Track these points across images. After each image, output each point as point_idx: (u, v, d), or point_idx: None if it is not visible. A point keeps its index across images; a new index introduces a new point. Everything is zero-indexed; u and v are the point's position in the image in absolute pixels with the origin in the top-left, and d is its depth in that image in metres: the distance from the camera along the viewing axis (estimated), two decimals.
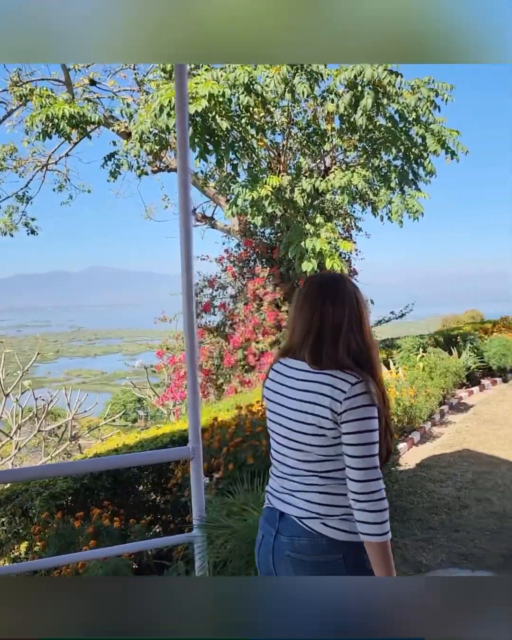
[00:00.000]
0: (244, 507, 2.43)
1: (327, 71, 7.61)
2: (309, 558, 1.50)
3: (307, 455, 1.51)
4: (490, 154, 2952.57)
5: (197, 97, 6.46)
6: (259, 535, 1.67)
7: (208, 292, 9.97)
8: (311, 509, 1.51)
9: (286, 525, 1.55)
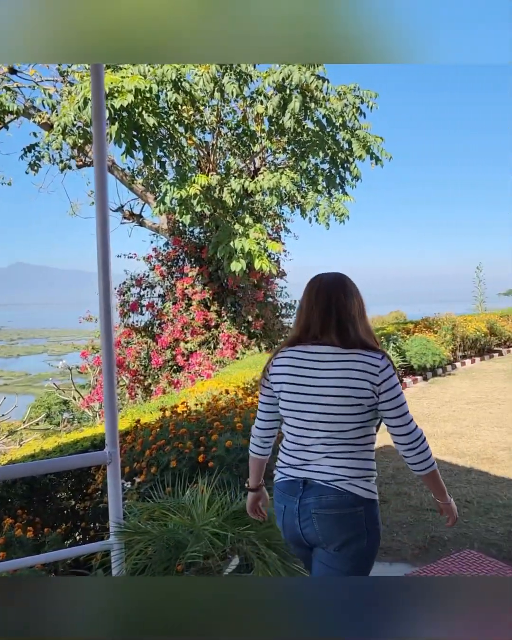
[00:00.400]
0: (165, 512, 2.38)
1: (256, 73, 7.65)
2: (334, 512, 1.74)
3: (342, 426, 1.75)
4: (413, 155, 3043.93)
5: (123, 92, 6.30)
6: (279, 507, 1.87)
7: (135, 291, 9.77)
8: (339, 472, 1.76)
9: (311, 489, 1.78)
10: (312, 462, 1.80)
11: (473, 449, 5.51)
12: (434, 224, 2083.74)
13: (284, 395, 1.86)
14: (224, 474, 3.03)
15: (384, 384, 1.74)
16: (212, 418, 3.58)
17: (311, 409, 1.79)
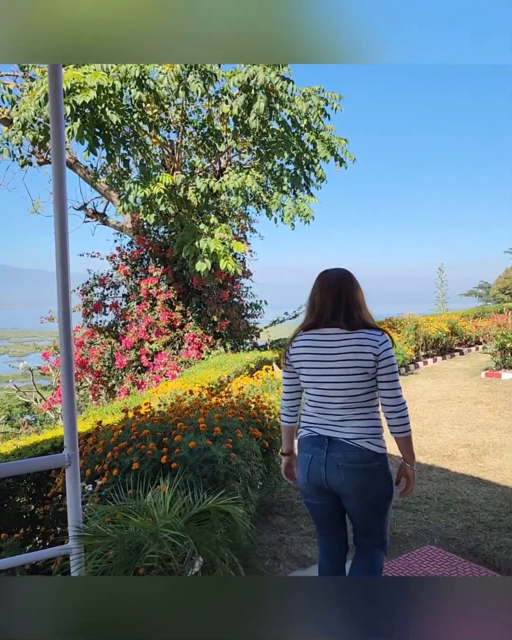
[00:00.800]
0: (126, 515, 2.35)
1: (222, 72, 7.63)
2: (358, 466, 2.16)
3: (355, 391, 2.17)
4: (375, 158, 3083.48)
5: (86, 88, 6.20)
6: (306, 456, 2.28)
7: (99, 291, 9.63)
8: (357, 431, 2.18)
9: (336, 446, 2.20)
10: (334, 424, 2.23)
11: (434, 447, 5.62)
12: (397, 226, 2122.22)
13: (304, 371, 2.28)
14: (187, 475, 3.01)
15: (383, 354, 2.15)
16: (176, 419, 3.55)
17: (329, 379, 2.20)
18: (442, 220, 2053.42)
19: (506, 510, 3.96)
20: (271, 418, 4.27)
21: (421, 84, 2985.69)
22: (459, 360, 12.34)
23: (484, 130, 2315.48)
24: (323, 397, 2.24)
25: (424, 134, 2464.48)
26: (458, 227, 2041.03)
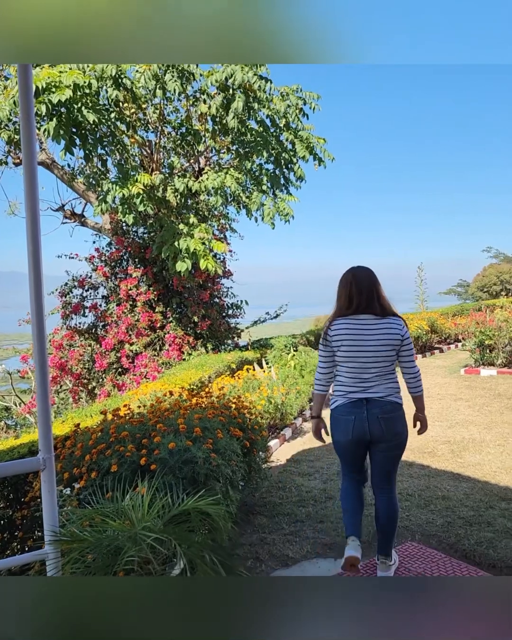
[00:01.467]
0: (104, 519, 2.31)
1: (199, 71, 7.60)
2: (391, 414, 2.87)
3: (385, 362, 2.88)
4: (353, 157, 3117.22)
5: (61, 87, 6.12)
6: (349, 418, 2.90)
7: (78, 293, 9.53)
8: (388, 391, 2.89)
9: (373, 404, 2.87)
10: (370, 388, 2.89)
11: (415, 444, 5.65)
12: (379, 226, 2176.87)
13: (344, 348, 2.90)
14: (166, 477, 2.98)
15: (405, 335, 2.92)
16: (155, 420, 3.52)
17: (366, 355, 2.87)
18: (420, 220, 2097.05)
19: (485, 506, 4.00)
20: (251, 418, 4.26)
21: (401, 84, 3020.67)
22: (439, 358, 12.46)
23: (466, 132, 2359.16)
24: (360, 369, 2.90)
25: (406, 136, 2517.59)
26: (437, 227, 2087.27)
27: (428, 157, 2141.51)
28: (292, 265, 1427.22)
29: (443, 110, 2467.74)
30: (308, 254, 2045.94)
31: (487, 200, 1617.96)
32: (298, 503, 4.27)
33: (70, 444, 3.50)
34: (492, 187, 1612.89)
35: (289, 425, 6.51)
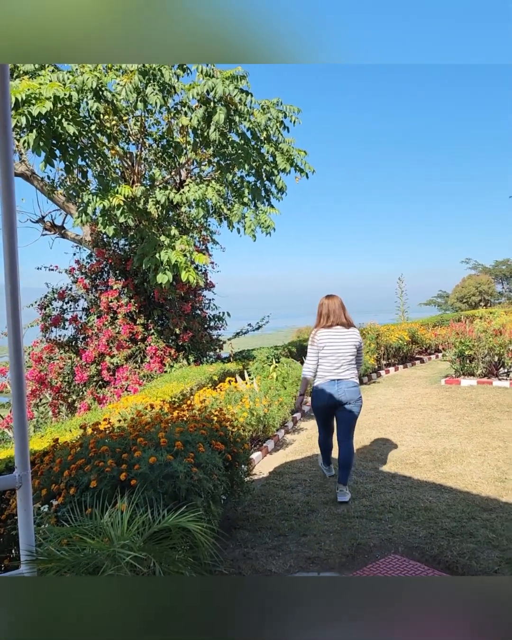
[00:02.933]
0: (82, 537, 2.26)
1: (181, 85, 7.63)
2: (353, 388, 4.57)
3: (350, 358, 4.60)
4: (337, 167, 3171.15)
5: (41, 99, 6.09)
6: (326, 391, 4.56)
7: (58, 305, 9.42)
8: (351, 375, 4.61)
9: (342, 382, 4.56)
10: (341, 373, 4.58)
11: (397, 455, 5.66)
12: (358, 237, 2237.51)
13: (326, 349, 4.60)
14: (147, 492, 2.94)
15: (360, 341, 4.70)
16: (136, 434, 3.47)
17: (339, 352, 4.59)
18: (401, 232, 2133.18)
19: (467, 516, 4.00)
20: (233, 430, 4.22)
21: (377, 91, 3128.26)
22: (420, 368, 12.55)
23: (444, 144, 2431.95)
24: (336, 362, 4.60)
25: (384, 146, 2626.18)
26: (417, 239, 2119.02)
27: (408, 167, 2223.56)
28: (274, 277, 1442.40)
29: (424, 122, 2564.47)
30: (290, 266, 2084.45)
31: (465, 212, 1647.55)
32: (281, 516, 4.24)
33: (49, 459, 3.43)
34: (472, 199, 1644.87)
35: (272, 437, 6.48)
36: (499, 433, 6.28)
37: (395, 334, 12.52)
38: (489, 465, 5.16)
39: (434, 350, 14.59)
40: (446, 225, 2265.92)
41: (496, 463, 5.21)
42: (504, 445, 5.77)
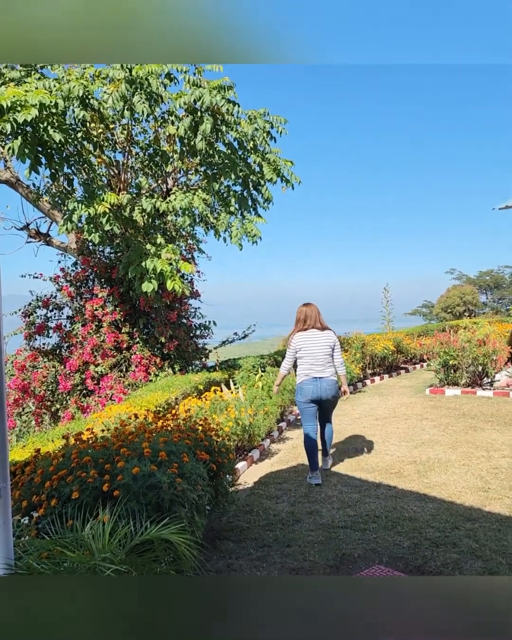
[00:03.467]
0: (63, 550, 2.22)
1: (168, 94, 7.66)
2: (332, 386, 5.33)
3: (327, 357, 5.34)
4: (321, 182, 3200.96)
5: (27, 106, 6.07)
6: (309, 387, 5.29)
7: (42, 313, 9.34)
8: (330, 373, 5.34)
9: (322, 379, 5.29)
10: (321, 371, 5.29)
11: (382, 464, 5.67)
12: (345, 247, 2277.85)
13: (303, 350, 5.32)
14: (130, 503, 2.90)
15: (336, 341, 5.45)
16: (119, 444, 3.44)
17: (316, 353, 5.30)
18: (386, 243, 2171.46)
19: (451, 526, 4.01)
20: (218, 440, 4.20)
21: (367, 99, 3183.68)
22: (405, 378, 12.61)
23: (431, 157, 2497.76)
24: (314, 361, 5.31)
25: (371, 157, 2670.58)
26: (402, 249, 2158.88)
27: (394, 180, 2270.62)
28: (261, 286, 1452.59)
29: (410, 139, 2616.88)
30: (277, 275, 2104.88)
31: (450, 224, 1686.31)
32: (265, 527, 4.21)
33: (30, 470, 3.39)
34: (456, 212, 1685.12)
35: (257, 447, 6.45)
36: (483, 443, 6.32)
37: (380, 343, 12.58)
38: (473, 474, 5.19)
39: (419, 360, 14.68)
40: (432, 236, 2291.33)
41: (479, 473, 5.23)
42: (487, 455, 5.80)
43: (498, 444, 6.25)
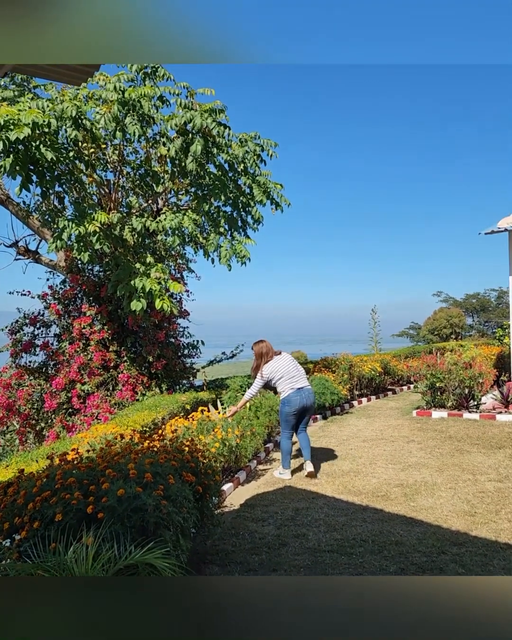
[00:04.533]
0: (45, 574, 2.18)
1: (160, 115, 7.76)
2: (312, 395, 6.31)
3: (299, 371, 6.32)
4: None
5: (20, 125, 6.12)
6: (295, 398, 6.13)
7: (29, 330, 9.28)
8: (308, 383, 6.38)
9: (305, 391, 6.20)
10: (303, 384, 6.23)
11: (369, 487, 5.64)
12: (334, 270, 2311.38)
13: (279, 372, 6.20)
14: (114, 526, 2.86)
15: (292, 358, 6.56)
16: (105, 465, 3.40)
17: (291, 370, 6.24)
18: (375, 265, 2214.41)
19: (437, 551, 3.99)
20: (205, 462, 4.17)
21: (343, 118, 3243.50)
22: (392, 400, 12.63)
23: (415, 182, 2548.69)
24: (290, 377, 6.16)
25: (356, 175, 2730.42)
26: (390, 272, 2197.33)
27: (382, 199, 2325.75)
28: (250, 306, 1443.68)
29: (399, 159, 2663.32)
30: (265, 296, 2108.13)
31: (438, 248, 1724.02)
32: (251, 550, 4.16)
33: (13, 491, 3.33)
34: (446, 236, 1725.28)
35: (244, 468, 6.40)
36: (469, 466, 6.33)
37: (368, 364, 12.61)
38: (459, 498, 5.18)
39: (405, 382, 14.72)
40: (420, 259, 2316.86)
41: (466, 496, 5.23)
42: (473, 479, 5.81)
43: (484, 467, 6.26)
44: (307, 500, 5.32)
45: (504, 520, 4.59)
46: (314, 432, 8.76)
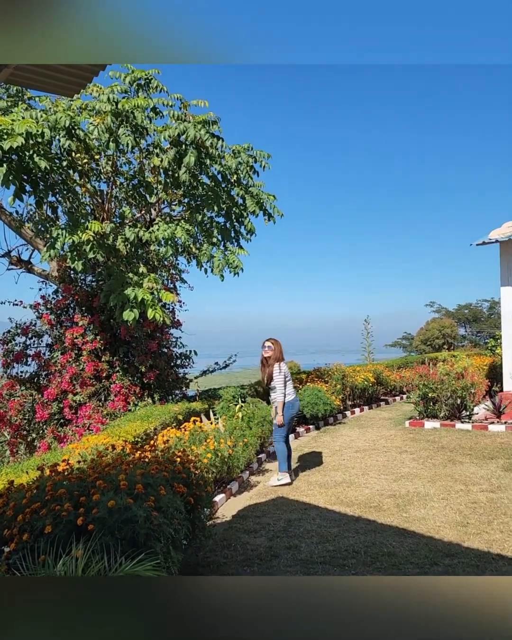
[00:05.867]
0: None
1: (153, 126, 7.81)
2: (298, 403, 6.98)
3: None
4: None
5: (14, 135, 6.14)
6: (296, 403, 6.75)
7: (21, 340, 9.22)
8: (297, 396, 6.93)
9: (297, 401, 6.83)
10: (296, 393, 6.92)
11: (361, 498, 5.63)
12: (328, 279, 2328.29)
13: (288, 376, 6.65)
14: (104, 537, 2.84)
15: None
16: (95, 476, 3.37)
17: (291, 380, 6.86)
18: (368, 275, 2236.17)
19: (430, 562, 3.98)
20: (196, 473, 4.15)
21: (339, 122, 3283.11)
22: (385, 410, 12.63)
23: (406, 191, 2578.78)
24: (292, 387, 6.70)
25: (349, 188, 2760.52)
26: (383, 282, 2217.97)
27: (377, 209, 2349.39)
28: (242, 317, 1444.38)
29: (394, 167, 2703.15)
30: (258, 306, 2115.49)
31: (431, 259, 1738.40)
32: (243, 562, 4.13)
33: (2, 502, 3.30)
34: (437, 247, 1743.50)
35: (236, 479, 6.37)
36: (461, 476, 6.33)
37: (361, 374, 12.62)
38: (452, 509, 5.18)
39: (398, 392, 14.73)
40: (412, 270, 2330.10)
41: (458, 507, 5.22)
42: (466, 489, 5.81)
43: (477, 477, 6.26)
44: (300, 511, 5.30)
45: (496, 531, 4.59)
46: (307, 443, 8.75)
